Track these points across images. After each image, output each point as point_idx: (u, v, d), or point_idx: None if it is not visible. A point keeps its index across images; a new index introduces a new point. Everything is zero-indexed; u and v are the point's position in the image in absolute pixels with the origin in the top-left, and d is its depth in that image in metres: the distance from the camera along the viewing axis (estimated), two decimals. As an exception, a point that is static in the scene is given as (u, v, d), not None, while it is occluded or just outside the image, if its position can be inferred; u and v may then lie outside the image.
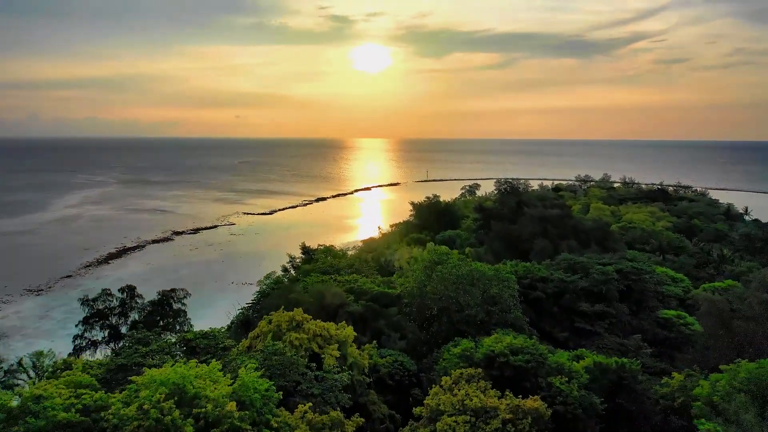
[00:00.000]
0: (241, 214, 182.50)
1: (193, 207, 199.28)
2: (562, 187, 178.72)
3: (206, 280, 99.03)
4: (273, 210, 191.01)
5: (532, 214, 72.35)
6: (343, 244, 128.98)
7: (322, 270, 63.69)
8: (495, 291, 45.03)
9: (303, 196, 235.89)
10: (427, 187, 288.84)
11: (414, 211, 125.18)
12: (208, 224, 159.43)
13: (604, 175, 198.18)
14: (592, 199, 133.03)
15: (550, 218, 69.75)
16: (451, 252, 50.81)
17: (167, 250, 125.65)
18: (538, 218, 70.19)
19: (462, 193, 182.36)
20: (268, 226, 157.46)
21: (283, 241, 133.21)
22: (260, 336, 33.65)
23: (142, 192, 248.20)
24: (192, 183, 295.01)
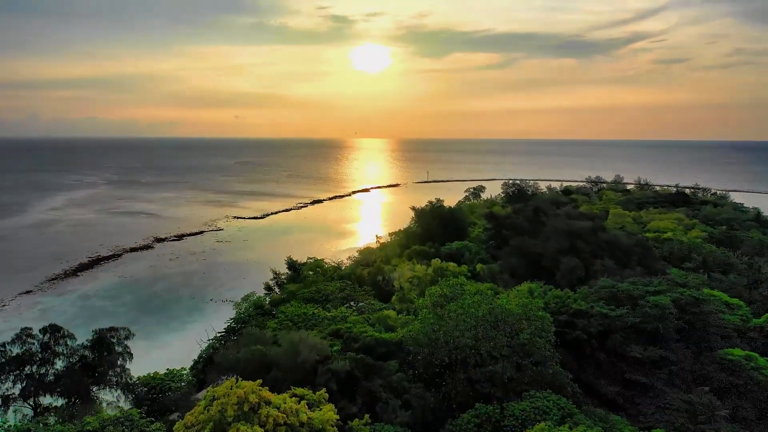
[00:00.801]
0: (230, 218, 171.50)
1: (181, 210, 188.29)
2: (572, 189, 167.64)
3: (182, 297, 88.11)
4: (265, 213, 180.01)
5: (557, 226, 61.45)
6: (338, 251, 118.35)
7: (306, 297, 52.85)
8: (526, 337, 34.16)
9: (298, 198, 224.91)
10: (428, 188, 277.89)
11: (415, 218, 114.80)
12: (194, 230, 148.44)
13: (616, 176, 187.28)
14: (609, 204, 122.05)
15: (580, 232, 58.91)
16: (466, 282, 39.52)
17: (145, 259, 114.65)
18: (564, 232, 59.39)
19: (466, 195, 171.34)
20: (258, 232, 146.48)
21: (272, 249, 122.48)
22: (195, 426, 22.79)
23: (131, 194, 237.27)
24: (184, 184, 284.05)
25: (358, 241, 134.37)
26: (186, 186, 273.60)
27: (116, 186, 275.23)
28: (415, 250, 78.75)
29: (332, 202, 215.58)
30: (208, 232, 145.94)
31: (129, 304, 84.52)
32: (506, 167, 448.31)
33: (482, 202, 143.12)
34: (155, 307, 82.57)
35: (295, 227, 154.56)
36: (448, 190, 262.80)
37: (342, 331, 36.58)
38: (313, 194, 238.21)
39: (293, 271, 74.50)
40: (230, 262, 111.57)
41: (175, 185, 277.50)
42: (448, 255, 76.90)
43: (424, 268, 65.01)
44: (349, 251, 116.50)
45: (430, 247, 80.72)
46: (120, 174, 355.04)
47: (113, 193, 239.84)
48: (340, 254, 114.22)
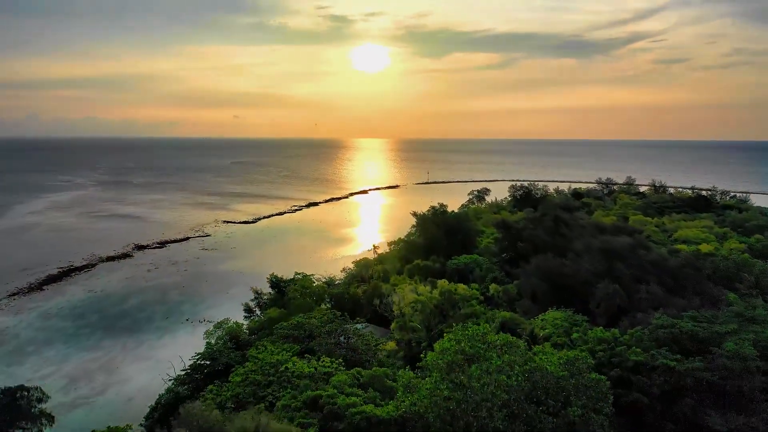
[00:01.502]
0: (220, 222, 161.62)
1: (168, 213, 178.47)
2: (581, 191, 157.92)
3: (155, 316, 78.30)
4: (257, 217, 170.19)
5: (591, 243, 51.73)
6: (332, 260, 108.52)
7: (285, 333, 43.11)
8: (577, 413, 24.41)
9: (293, 200, 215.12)
10: (429, 189, 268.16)
11: (417, 226, 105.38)
12: (179, 236, 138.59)
13: (628, 178, 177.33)
14: (627, 210, 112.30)
15: (619, 250, 49.23)
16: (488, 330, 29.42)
17: (121, 270, 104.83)
18: (600, 250, 49.74)
19: (470, 198, 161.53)
20: (247, 238, 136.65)
21: (261, 258, 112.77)
22: None
23: (119, 196, 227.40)
24: (176, 185, 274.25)
25: (355, 248, 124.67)
26: (177, 187, 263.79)
27: (106, 187, 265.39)
28: (417, 266, 68.97)
29: (328, 205, 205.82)
30: (195, 239, 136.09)
31: (94, 325, 74.68)
32: (507, 167, 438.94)
33: (488, 206, 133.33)
34: (122, 329, 72.72)
35: (288, 233, 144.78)
36: (449, 192, 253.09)
37: (322, 401, 27.00)
38: (309, 196, 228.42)
39: (277, 290, 64.75)
40: (214, 274, 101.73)
41: (167, 186, 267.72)
42: (456, 271, 67.18)
43: (428, 290, 55.27)
44: (344, 260, 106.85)
45: (434, 261, 70.94)
46: (112, 174, 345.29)
47: (101, 195, 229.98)
48: (334, 264, 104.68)
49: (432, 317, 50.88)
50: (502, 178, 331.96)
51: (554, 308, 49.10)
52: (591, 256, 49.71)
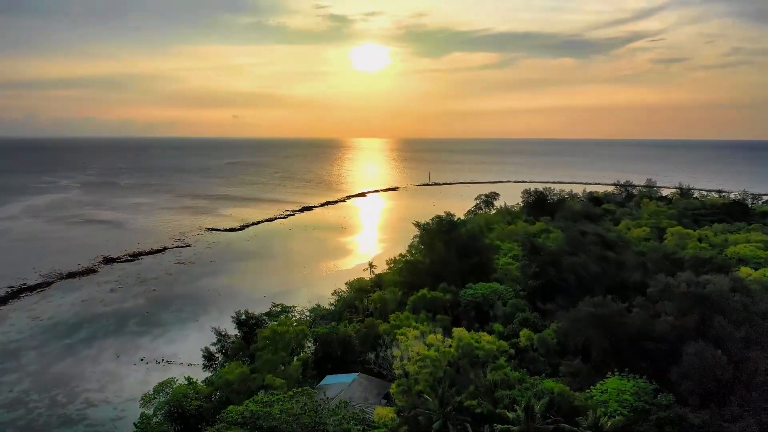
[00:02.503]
0: (203, 230, 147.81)
1: (149, 219, 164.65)
2: (599, 196, 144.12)
3: (103, 354, 64.45)
4: (245, 224, 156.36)
5: (671, 284, 37.75)
6: (321, 279, 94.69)
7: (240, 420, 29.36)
8: None
9: (287, 204, 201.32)
10: (430, 191, 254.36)
11: (421, 241, 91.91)
12: (156, 246, 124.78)
13: (648, 180, 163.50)
14: (661, 219, 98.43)
15: (715, 298, 35.39)
16: None
17: (80, 289, 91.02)
18: (686, 296, 35.92)
19: (477, 203, 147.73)
20: (230, 249, 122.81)
21: (241, 276, 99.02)
22: None
23: (102, 199, 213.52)
24: (164, 187, 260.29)
25: (349, 262, 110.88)
26: (165, 189, 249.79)
27: (90, 189, 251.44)
28: (423, 297, 55.14)
29: (324, 210, 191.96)
30: (172, 250, 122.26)
31: (24, 369, 60.92)
32: (511, 168, 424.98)
33: (498, 212, 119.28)
34: (57, 377, 58.85)
35: (276, 242, 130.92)
36: (451, 194, 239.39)
37: None
38: (303, 199, 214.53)
39: (244, 332, 51.00)
40: (185, 296, 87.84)
41: (154, 188, 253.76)
42: (473, 306, 53.43)
43: (440, 340, 41.45)
44: (336, 278, 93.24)
45: (444, 291, 57.10)
46: (101, 175, 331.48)
47: (82, 198, 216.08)
48: (324, 283, 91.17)
49: (446, 382, 37.13)
50: (507, 179, 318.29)
51: (616, 373, 35.50)
52: (672, 303, 36.04)
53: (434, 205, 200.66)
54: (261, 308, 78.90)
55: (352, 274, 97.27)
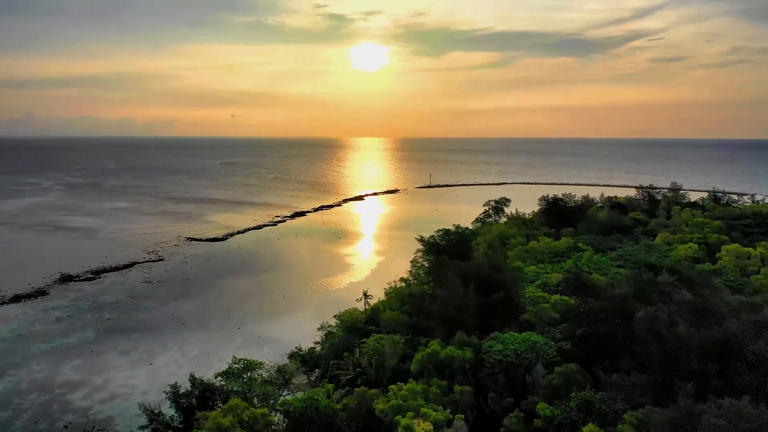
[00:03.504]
0: (182, 240, 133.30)
1: (125, 226, 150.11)
2: (623, 202, 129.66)
3: (15, 423, 49.78)
4: (230, 232, 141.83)
5: None
6: (305, 304, 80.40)
7: None
8: None
9: (278, 208, 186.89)
10: (431, 194, 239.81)
11: (429, 270, 77.88)
12: (125, 260, 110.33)
13: (673, 183, 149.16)
14: (707, 233, 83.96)
15: None
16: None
17: (18, 319, 76.16)
18: None
19: (486, 210, 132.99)
20: (207, 265, 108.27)
21: (213, 300, 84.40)
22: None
23: (80, 203, 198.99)
24: (150, 189, 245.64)
25: (341, 281, 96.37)
26: (150, 192, 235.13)
27: (70, 192, 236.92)
28: (434, 355, 40.56)
29: (318, 215, 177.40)
30: (142, 265, 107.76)
31: None
32: (512, 168, 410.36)
33: (513, 223, 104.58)
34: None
35: (261, 255, 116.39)
36: (454, 197, 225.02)
37: None
38: (296, 203, 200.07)
39: (181, 418, 36.50)
40: (144, 327, 73.16)
41: (139, 191, 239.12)
42: (502, 367, 38.86)
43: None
44: (324, 303, 78.98)
45: (462, 346, 42.47)
46: (86, 177, 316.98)
47: (59, 202, 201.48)
48: (310, 311, 76.86)
49: None
50: (511, 180, 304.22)
51: None
52: None
53: (437, 210, 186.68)
54: (231, 345, 64.84)
55: (345, 295, 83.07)
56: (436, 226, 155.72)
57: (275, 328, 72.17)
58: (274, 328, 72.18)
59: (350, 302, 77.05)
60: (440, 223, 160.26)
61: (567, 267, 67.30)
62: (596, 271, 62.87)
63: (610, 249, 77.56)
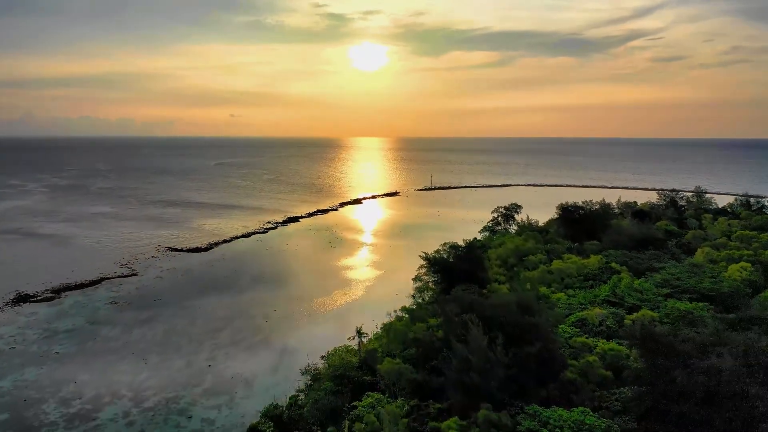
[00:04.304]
0: (162, 249, 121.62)
1: (102, 234, 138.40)
2: (643, 208, 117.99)
3: None
4: (215, 241, 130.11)
5: None
6: (292, 332, 68.50)
7: None
8: None
9: (270, 213, 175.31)
10: (433, 197, 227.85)
11: (431, 280, 67.95)
12: (93, 275, 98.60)
13: (697, 187, 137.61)
14: (758, 250, 72.31)
15: None
16: None
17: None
18: None
19: (494, 217, 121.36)
20: (185, 281, 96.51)
21: (182, 328, 72.51)
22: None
23: (60, 207, 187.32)
24: (138, 192, 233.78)
25: (330, 305, 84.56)
26: (137, 195, 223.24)
27: (53, 195, 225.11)
28: None
29: (312, 221, 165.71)
30: (111, 281, 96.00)
31: None
32: (514, 169, 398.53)
33: (528, 234, 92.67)
34: None
35: (245, 269, 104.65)
36: (457, 201, 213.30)
37: None
38: (289, 208, 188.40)
39: None
40: (92, 368, 61.46)
41: (127, 194, 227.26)
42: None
43: None
44: (308, 338, 67.51)
45: (486, 416, 30.91)
46: (74, 178, 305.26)
47: (39, 206, 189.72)
48: (293, 344, 65.42)
49: None
50: (515, 182, 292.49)
51: None
52: None
53: (439, 215, 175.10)
54: (197, 390, 53.11)
55: (336, 323, 71.49)
56: (439, 233, 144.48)
57: (252, 365, 60.49)
58: (251, 365, 60.50)
59: (342, 331, 65.70)
60: (443, 229, 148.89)
61: (603, 294, 55.69)
62: (642, 302, 51.25)
63: (648, 269, 65.97)
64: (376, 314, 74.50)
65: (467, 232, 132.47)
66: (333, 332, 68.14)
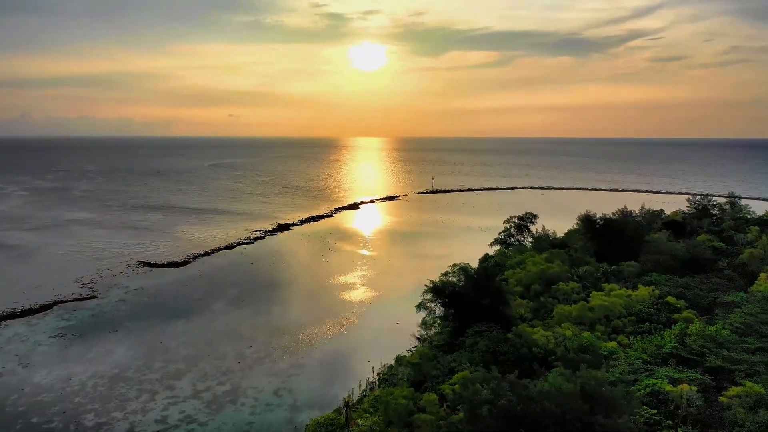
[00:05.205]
0: (133, 264, 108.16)
1: (72, 245, 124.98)
2: (675, 219, 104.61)
3: None
4: (194, 254, 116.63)
5: None
6: (267, 381, 54.60)
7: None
8: None
9: (260, 220, 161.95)
10: (435, 202, 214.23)
11: (439, 316, 55.73)
12: (45, 298, 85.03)
13: (731, 193, 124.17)
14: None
15: None
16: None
17: None
18: None
19: (507, 228, 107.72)
20: (152, 304, 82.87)
21: (138, 370, 58.78)
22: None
23: (34, 212, 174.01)
24: (121, 195, 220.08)
25: (315, 341, 71.08)
26: (120, 199, 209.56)
27: (32, 199, 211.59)
28: None
29: (305, 228, 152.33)
30: (65, 305, 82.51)
31: None
32: (516, 170, 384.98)
33: (557, 256, 78.90)
34: None
35: (221, 290, 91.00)
36: (461, 206, 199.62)
37: None
38: (281, 213, 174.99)
39: None
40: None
41: (107, 198, 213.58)
42: None
43: None
44: (286, 391, 54.24)
45: None
46: (59, 180, 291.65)
47: (12, 212, 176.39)
48: (264, 406, 52.07)
49: None
50: (520, 184, 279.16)
51: None
52: None
53: (442, 222, 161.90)
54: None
55: (322, 371, 58.22)
56: (444, 243, 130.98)
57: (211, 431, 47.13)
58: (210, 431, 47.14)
59: (328, 384, 52.50)
60: (448, 239, 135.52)
61: (669, 345, 42.36)
62: (732, 364, 37.81)
63: (713, 303, 52.69)
64: (374, 352, 61.45)
65: (475, 244, 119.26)
66: (317, 386, 54.74)
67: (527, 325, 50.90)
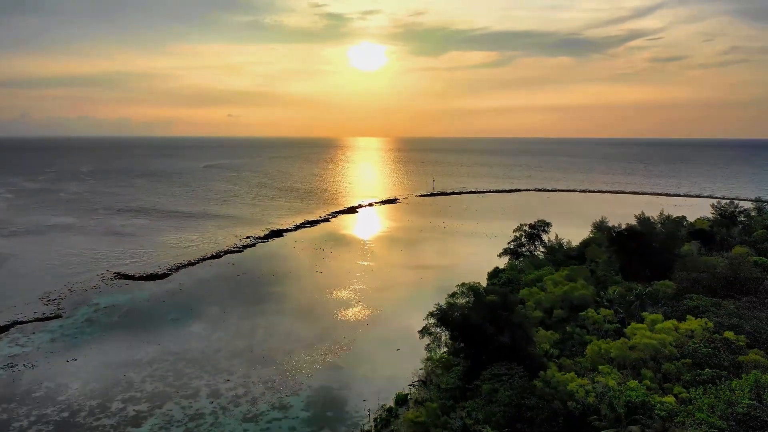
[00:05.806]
0: (109, 277, 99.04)
1: (45, 253, 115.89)
2: (705, 229, 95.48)
3: None
4: (177, 264, 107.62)
5: None
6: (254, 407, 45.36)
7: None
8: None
9: (252, 225, 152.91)
10: (436, 205, 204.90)
11: (446, 348, 45.72)
12: (3, 318, 76.05)
13: (757, 198, 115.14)
14: None
15: None
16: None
17: None
18: None
19: (517, 237, 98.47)
20: (118, 328, 73.70)
21: (91, 412, 49.61)
22: None
23: (15, 216, 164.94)
24: (108, 199, 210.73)
25: (302, 377, 61.88)
26: (107, 202, 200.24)
27: (17, 201, 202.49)
28: None
29: (299, 234, 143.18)
30: (23, 326, 73.36)
31: None
32: (517, 172, 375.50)
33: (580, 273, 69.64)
34: None
35: (201, 309, 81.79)
36: (463, 209, 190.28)
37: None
38: (275, 218, 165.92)
39: None
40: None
41: (95, 199, 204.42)
42: None
43: None
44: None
45: None
46: (48, 182, 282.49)
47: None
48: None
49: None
50: (524, 187, 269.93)
51: None
52: None
53: (445, 228, 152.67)
54: None
55: (306, 422, 49.14)
56: (446, 253, 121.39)
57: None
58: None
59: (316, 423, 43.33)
60: (452, 246, 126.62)
61: (744, 402, 33.33)
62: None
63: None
64: (370, 387, 52.51)
65: (481, 253, 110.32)
66: None
67: (555, 366, 41.76)
